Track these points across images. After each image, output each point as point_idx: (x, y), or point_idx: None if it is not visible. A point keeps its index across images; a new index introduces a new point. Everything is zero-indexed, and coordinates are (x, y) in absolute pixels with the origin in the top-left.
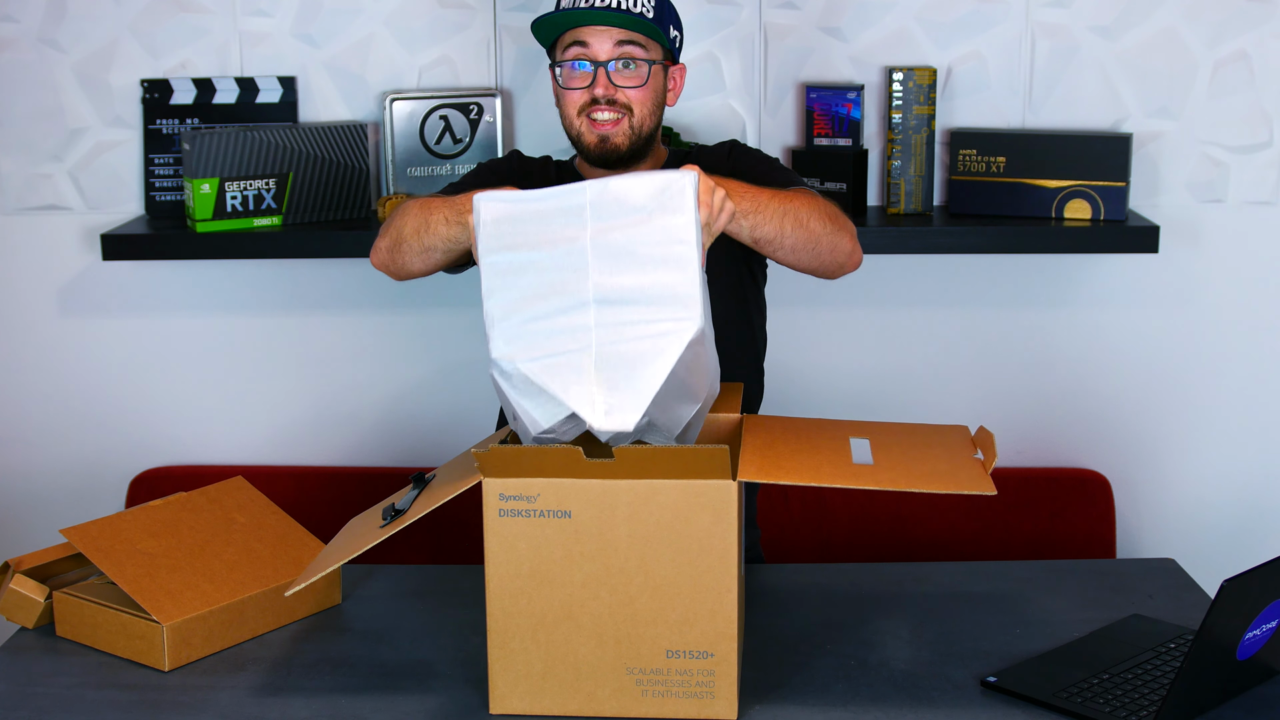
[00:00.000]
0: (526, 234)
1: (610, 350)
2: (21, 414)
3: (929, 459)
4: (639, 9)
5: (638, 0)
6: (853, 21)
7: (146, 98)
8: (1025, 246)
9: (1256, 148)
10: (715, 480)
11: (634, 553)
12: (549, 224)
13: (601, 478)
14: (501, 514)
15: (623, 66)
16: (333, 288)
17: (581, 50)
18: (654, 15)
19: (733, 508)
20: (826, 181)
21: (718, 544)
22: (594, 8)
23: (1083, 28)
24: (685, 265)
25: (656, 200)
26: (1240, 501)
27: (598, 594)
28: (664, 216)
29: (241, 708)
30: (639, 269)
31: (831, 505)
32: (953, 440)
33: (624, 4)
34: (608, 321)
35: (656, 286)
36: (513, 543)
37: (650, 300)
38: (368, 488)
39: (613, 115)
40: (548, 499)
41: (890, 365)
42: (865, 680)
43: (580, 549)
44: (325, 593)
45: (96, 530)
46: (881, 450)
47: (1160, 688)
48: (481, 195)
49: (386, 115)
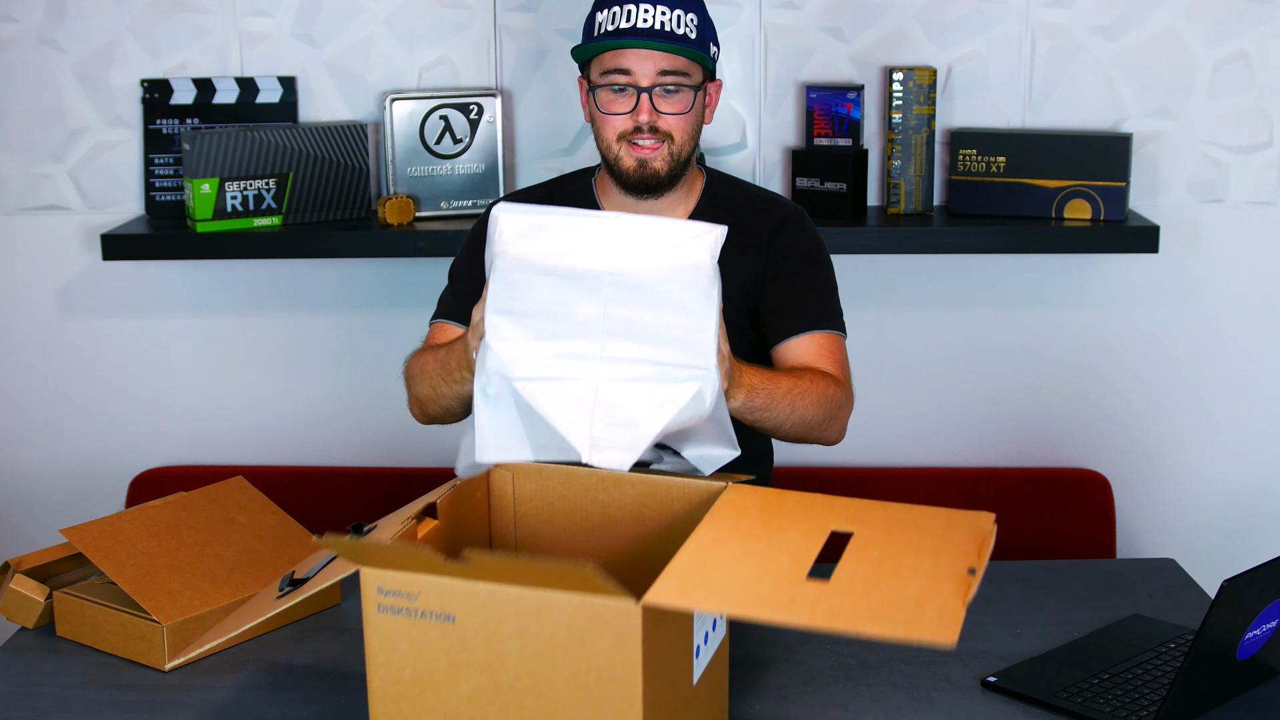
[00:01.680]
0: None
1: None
2: (21, 414)
3: (905, 575)
4: (682, 30)
5: (681, 21)
6: (853, 21)
7: (146, 98)
8: (1025, 246)
9: (1256, 148)
10: (614, 599)
11: (525, 671)
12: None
13: (489, 580)
14: (381, 609)
15: (665, 92)
16: (333, 288)
17: (623, 76)
18: (697, 36)
19: (636, 634)
20: (826, 181)
21: (619, 673)
22: (637, 30)
23: (1083, 28)
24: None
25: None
26: (1240, 501)
27: (486, 712)
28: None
29: (241, 708)
30: (655, 307)
31: None
32: (955, 543)
33: (668, 26)
34: (615, 355)
35: (671, 328)
36: (394, 642)
37: (662, 341)
38: (368, 488)
39: (654, 141)
40: (430, 599)
41: (890, 365)
42: (865, 680)
43: (466, 659)
44: (325, 593)
45: (96, 530)
46: (856, 555)
47: (1160, 688)
48: (503, 205)
49: (386, 115)
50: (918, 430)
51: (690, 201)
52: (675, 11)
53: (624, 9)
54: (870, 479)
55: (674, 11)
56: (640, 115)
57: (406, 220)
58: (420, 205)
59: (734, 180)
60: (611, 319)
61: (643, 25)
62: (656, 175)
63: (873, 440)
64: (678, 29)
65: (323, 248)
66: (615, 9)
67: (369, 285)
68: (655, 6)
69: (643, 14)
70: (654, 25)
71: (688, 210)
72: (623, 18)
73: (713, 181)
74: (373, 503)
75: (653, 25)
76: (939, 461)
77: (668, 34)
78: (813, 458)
